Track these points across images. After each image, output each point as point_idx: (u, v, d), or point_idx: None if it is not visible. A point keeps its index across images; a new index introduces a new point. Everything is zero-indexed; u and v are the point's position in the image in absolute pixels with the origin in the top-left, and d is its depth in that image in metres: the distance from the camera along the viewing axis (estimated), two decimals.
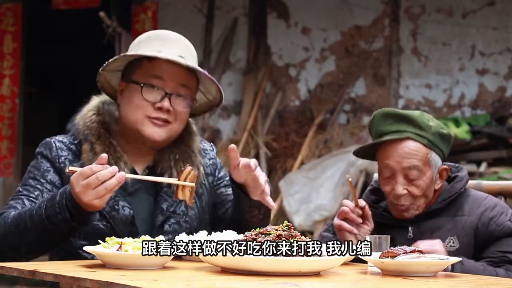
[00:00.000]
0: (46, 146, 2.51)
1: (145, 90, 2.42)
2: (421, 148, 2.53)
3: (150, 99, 2.43)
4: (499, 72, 7.47)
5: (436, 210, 2.58)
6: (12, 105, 8.68)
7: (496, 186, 2.82)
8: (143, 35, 2.53)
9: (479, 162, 6.85)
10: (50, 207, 2.23)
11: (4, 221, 2.31)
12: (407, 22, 7.74)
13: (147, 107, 2.42)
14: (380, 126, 2.58)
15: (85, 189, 2.15)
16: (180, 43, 2.51)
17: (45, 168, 2.45)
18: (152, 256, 1.98)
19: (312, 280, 1.87)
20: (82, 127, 2.48)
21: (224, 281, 1.82)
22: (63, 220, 2.21)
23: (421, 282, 1.95)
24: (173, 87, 2.44)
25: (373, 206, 2.65)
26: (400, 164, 2.52)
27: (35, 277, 1.91)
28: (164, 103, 2.42)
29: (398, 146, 2.53)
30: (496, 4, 7.50)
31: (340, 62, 7.92)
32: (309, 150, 7.57)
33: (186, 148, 2.54)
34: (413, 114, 2.56)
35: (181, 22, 8.35)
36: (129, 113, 2.45)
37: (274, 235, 1.94)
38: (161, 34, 2.53)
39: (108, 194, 2.17)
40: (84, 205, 2.18)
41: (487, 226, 2.52)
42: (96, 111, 2.51)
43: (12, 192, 9.43)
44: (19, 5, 8.63)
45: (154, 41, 2.48)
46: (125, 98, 2.48)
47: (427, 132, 2.54)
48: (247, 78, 8.04)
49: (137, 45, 2.50)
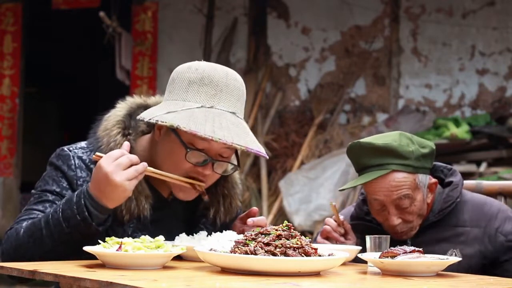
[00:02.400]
0: (64, 160, 2.33)
1: (189, 154, 2.24)
2: (408, 176, 2.46)
3: (193, 161, 2.26)
4: (499, 72, 7.47)
5: (434, 221, 2.54)
6: (12, 105, 8.68)
7: (496, 186, 2.82)
8: (194, 73, 2.29)
9: (479, 162, 6.85)
10: (67, 209, 2.13)
11: (16, 232, 2.20)
12: (407, 22, 7.74)
13: (188, 167, 2.26)
14: (360, 158, 2.49)
15: (117, 169, 2.06)
16: (234, 92, 2.30)
17: (64, 186, 2.30)
18: (152, 256, 1.98)
19: (312, 280, 1.87)
20: (105, 147, 2.29)
21: (224, 281, 1.82)
22: (82, 220, 2.11)
23: (421, 282, 1.95)
24: (217, 151, 2.27)
25: (366, 220, 2.60)
26: (389, 197, 2.46)
27: (35, 277, 1.91)
28: (206, 169, 2.27)
29: (385, 180, 2.45)
30: (496, 4, 7.50)
31: (340, 62, 7.92)
32: (309, 150, 7.57)
33: (232, 181, 2.45)
34: (392, 144, 2.45)
35: (181, 22, 8.35)
36: (168, 165, 2.27)
37: (274, 235, 1.94)
38: (215, 78, 2.28)
39: (135, 180, 2.09)
40: (114, 188, 2.07)
41: (495, 238, 2.49)
42: (121, 127, 2.33)
43: (12, 192, 9.34)
44: (19, 5, 8.63)
45: (206, 88, 2.26)
46: (164, 144, 2.29)
47: (410, 160, 2.46)
48: (247, 78, 8.03)
49: (186, 86, 2.27)
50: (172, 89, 2.31)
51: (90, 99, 11.07)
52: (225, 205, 2.43)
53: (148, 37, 8.31)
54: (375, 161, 2.46)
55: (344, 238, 2.52)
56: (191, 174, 2.27)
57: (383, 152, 2.45)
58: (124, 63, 8.06)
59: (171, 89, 2.31)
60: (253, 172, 7.70)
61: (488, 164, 6.83)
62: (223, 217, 2.43)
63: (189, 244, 2.19)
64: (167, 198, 2.40)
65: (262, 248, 1.91)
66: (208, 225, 2.40)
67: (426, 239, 2.53)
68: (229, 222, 2.48)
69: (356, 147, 2.50)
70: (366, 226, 2.59)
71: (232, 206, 2.45)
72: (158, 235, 2.19)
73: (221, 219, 2.42)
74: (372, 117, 7.76)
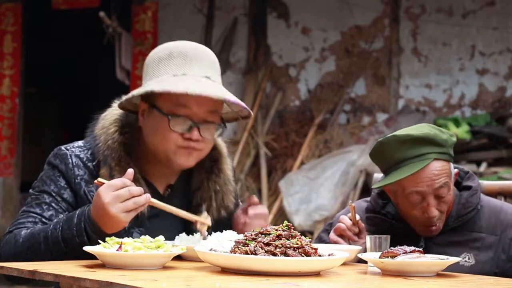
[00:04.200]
0: (62, 159, 2.35)
1: (172, 122, 2.28)
2: (445, 164, 2.46)
3: (178, 130, 2.29)
4: (499, 72, 7.47)
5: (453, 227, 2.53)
6: (12, 105, 8.67)
7: (496, 186, 2.82)
8: (163, 51, 2.36)
9: (479, 162, 6.85)
10: (67, 229, 2.14)
11: (15, 239, 2.21)
12: (407, 22, 7.74)
13: (176, 138, 2.29)
14: (397, 152, 2.45)
15: (115, 201, 2.06)
16: (205, 60, 2.35)
17: (61, 185, 2.32)
18: (152, 256, 1.98)
19: (312, 280, 1.87)
20: (102, 144, 2.33)
21: (224, 281, 1.82)
22: (80, 244, 2.12)
23: (421, 282, 1.95)
24: (200, 115, 2.30)
25: (382, 213, 2.59)
26: (431, 186, 2.43)
27: (35, 277, 1.91)
28: (193, 134, 2.29)
29: (427, 170, 2.43)
30: (496, 4, 7.50)
31: (340, 62, 7.92)
32: (309, 150, 7.56)
33: (224, 177, 2.47)
34: (430, 133, 2.45)
35: (181, 22, 8.35)
36: (157, 143, 2.32)
37: (274, 235, 1.94)
38: (183, 50, 2.34)
39: (134, 212, 2.09)
40: (109, 219, 2.08)
41: (509, 248, 2.49)
42: (118, 125, 2.36)
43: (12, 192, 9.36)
44: (19, 5, 8.63)
45: (176, 60, 2.32)
46: (149, 124, 2.34)
47: (446, 148, 2.47)
48: (247, 78, 8.04)
49: (157, 62, 2.34)
50: (145, 73, 2.37)
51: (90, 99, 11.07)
52: (217, 201, 2.44)
53: (148, 37, 8.30)
54: (415, 152, 2.43)
55: (357, 237, 2.50)
56: (181, 145, 2.30)
57: (423, 142, 2.44)
58: (124, 63, 8.06)
59: (145, 74, 2.38)
60: (253, 172, 7.70)
61: (488, 164, 6.83)
62: (215, 213, 2.43)
63: (189, 244, 2.20)
64: (163, 195, 2.43)
65: (262, 248, 1.91)
66: None
67: (441, 241, 2.52)
68: (227, 218, 2.48)
69: (392, 140, 2.46)
70: (381, 220, 2.58)
71: (224, 202, 2.46)
72: (155, 230, 2.23)
73: (214, 215, 2.42)
74: (372, 117, 7.76)
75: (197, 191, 2.44)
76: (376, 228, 2.57)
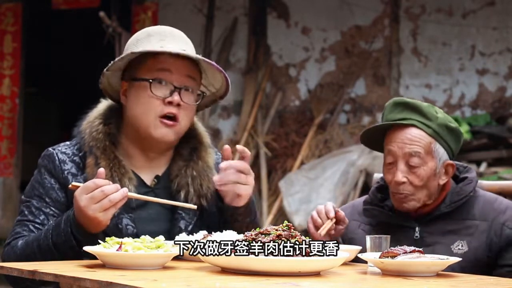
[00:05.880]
0: (49, 158, 2.43)
1: (153, 86, 2.37)
2: (425, 137, 2.52)
3: (160, 94, 2.37)
4: (499, 72, 7.47)
5: (444, 212, 2.56)
6: (12, 105, 8.68)
7: (496, 186, 2.82)
8: (141, 32, 2.49)
9: (479, 162, 6.85)
10: (56, 236, 2.21)
11: (13, 251, 2.29)
12: (407, 22, 7.74)
13: (157, 105, 2.37)
14: (389, 114, 2.58)
15: (90, 203, 2.12)
16: (180, 38, 2.47)
17: (49, 186, 2.39)
18: (152, 256, 1.98)
19: (312, 280, 1.87)
20: (88, 137, 2.41)
21: (224, 281, 1.82)
22: (70, 248, 2.20)
23: (421, 282, 1.95)
24: (180, 80, 2.40)
25: (378, 205, 2.63)
26: (402, 149, 2.51)
27: (35, 277, 1.91)
28: (174, 97, 2.37)
29: (402, 132, 2.53)
30: (496, 4, 7.50)
31: (340, 62, 7.92)
32: (309, 150, 7.57)
33: (203, 163, 2.50)
34: (421, 104, 2.57)
35: (181, 22, 8.34)
36: (138, 113, 2.39)
37: (274, 235, 1.94)
38: (159, 30, 2.48)
39: (112, 209, 2.14)
40: (89, 221, 2.15)
41: (501, 232, 2.51)
42: (103, 119, 2.45)
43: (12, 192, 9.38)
44: (19, 5, 8.63)
45: (153, 37, 2.44)
46: (131, 97, 2.42)
47: (433, 122, 2.53)
48: (247, 78, 8.04)
49: (135, 43, 2.45)
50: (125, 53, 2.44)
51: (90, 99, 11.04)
52: (195, 186, 2.45)
53: None
54: (401, 115, 2.55)
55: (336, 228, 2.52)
56: (164, 111, 2.37)
57: (411, 107, 2.55)
58: None
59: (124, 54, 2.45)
60: (253, 172, 7.70)
61: (488, 164, 6.84)
62: (195, 199, 2.44)
63: None
64: (150, 186, 2.47)
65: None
66: (186, 210, 2.42)
67: (435, 230, 2.55)
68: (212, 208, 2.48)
69: (391, 102, 2.60)
70: (378, 211, 2.61)
71: (203, 188, 2.46)
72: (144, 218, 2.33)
73: (194, 201, 2.42)
74: (372, 117, 7.76)
75: (175, 178, 2.47)
76: (374, 219, 2.63)
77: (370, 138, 2.65)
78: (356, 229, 2.67)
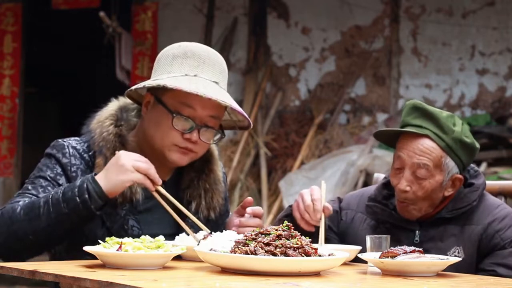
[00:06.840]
0: (59, 149, 2.41)
1: (175, 120, 2.35)
2: (436, 149, 2.48)
3: (179, 128, 2.36)
4: (499, 72, 7.47)
5: (446, 217, 2.54)
6: (12, 105, 8.68)
7: (496, 186, 2.82)
8: (177, 49, 2.42)
9: (479, 162, 6.85)
10: (69, 191, 2.20)
11: (12, 209, 2.25)
12: (407, 22, 7.74)
13: (176, 135, 2.36)
14: (406, 116, 2.54)
15: (130, 155, 2.22)
16: (216, 65, 2.41)
17: (58, 172, 2.38)
18: (152, 256, 1.98)
19: (312, 280, 1.87)
20: (98, 136, 2.40)
21: (224, 281, 1.82)
22: (82, 202, 2.18)
23: (421, 282, 1.95)
24: (203, 118, 2.37)
25: (383, 203, 2.61)
26: (411, 159, 2.48)
27: (35, 277, 1.91)
28: (193, 135, 2.36)
29: (414, 141, 2.48)
30: (496, 4, 7.50)
31: (340, 62, 7.92)
32: (309, 150, 7.57)
33: (214, 176, 2.52)
34: (440, 114, 2.51)
35: (181, 22, 8.35)
36: (156, 136, 2.38)
37: (274, 235, 1.94)
38: (197, 52, 2.40)
39: (142, 177, 2.20)
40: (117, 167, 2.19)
41: (492, 239, 2.48)
42: (114, 119, 2.44)
43: (12, 192, 9.36)
44: (19, 5, 8.63)
45: (189, 60, 2.38)
46: (151, 116, 2.40)
47: (448, 136, 2.48)
48: (247, 78, 8.04)
49: (171, 60, 2.39)
50: (157, 67, 2.43)
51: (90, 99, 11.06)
52: (207, 199, 2.48)
53: (148, 37, 8.31)
54: (417, 121, 2.51)
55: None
56: (179, 144, 2.37)
57: (428, 116, 2.50)
58: (124, 63, 8.06)
59: (156, 67, 2.43)
60: (253, 172, 7.71)
61: (488, 164, 6.83)
62: (205, 212, 2.47)
63: (189, 244, 2.20)
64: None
65: (262, 248, 1.91)
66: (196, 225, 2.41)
67: (435, 234, 2.53)
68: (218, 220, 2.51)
69: (410, 103, 2.56)
70: (381, 209, 2.60)
71: (213, 201, 2.49)
72: (149, 222, 2.32)
73: (204, 213, 2.46)
74: (372, 117, 7.76)
75: (187, 189, 2.49)
76: (375, 216, 2.61)
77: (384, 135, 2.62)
78: (361, 224, 2.65)
